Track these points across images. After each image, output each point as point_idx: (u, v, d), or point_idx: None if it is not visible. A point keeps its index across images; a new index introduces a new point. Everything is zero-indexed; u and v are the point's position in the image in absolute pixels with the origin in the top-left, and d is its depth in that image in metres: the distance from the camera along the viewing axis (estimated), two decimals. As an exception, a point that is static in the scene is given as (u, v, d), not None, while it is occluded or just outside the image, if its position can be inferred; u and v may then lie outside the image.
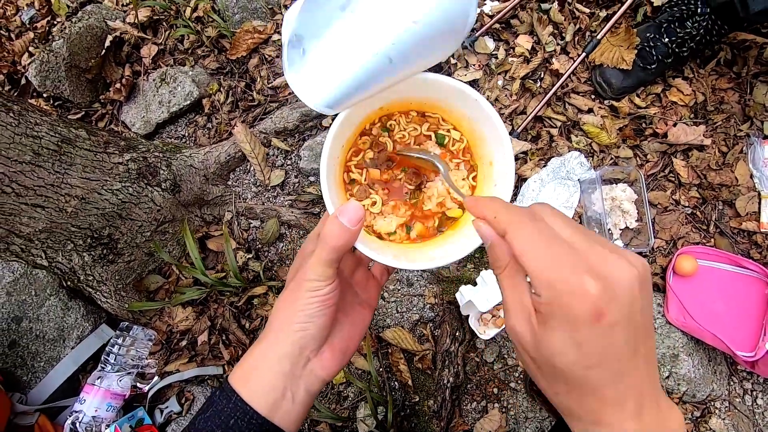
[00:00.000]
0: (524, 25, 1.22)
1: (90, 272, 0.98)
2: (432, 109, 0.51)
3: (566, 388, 0.31)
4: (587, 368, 0.29)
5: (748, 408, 1.06)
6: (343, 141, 0.47)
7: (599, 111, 1.17)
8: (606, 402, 0.30)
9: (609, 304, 0.28)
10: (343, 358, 0.44)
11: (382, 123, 0.51)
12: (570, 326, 0.28)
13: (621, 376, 0.30)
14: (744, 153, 1.14)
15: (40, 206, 0.81)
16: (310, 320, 0.39)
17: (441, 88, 0.46)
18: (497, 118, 0.44)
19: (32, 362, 1.02)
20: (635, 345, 0.30)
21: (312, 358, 0.41)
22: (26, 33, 1.39)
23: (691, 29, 1.06)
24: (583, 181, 1.11)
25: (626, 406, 0.30)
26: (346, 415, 1.05)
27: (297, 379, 0.40)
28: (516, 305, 0.32)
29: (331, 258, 0.38)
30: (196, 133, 1.24)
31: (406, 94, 0.48)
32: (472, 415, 1.05)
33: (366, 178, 0.51)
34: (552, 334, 0.29)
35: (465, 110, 0.48)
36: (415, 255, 0.46)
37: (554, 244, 0.30)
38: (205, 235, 1.14)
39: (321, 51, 0.39)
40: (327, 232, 0.38)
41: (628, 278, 0.28)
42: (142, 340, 1.05)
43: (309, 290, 0.39)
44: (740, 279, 1.05)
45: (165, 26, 1.29)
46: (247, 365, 0.41)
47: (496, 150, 0.46)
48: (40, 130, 0.79)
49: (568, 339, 0.29)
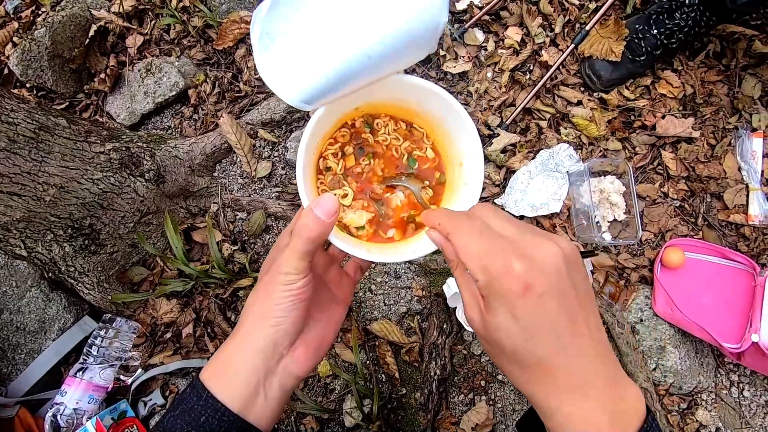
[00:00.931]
0: (514, 17, 1.21)
1: (71, 263, 0.96)
2: (405, 113, 0.52)
3: (520, 370, 0.34)
4: (528, 340, 0.32)
5: (735, 400, 1.06)
6: (319, 137, 0.48)
7: (588, 103, 1.16)
8: (555, 375, 0.32)
9: (535, 278, 0.31)
10: (317, 355, 0.43)
11: (366, 119, 0.52)
12: (506, 302, 0.32)
13: (563, 345, 0.31)
14: (732, 146, 1.14)
15: (17, 194, 0.79)
16: (284, 314, 0.39)
17: (413, 89, 0.47)
18: (468, 119, 0.46)
19: (12, 354, 1.00)
20: (570, 314, 0.32)
21: (285, 355, 0.41)
22: (10, 23, 1.36)
23: (679, 21, 1.06)
24: (572, 174, 1.11)
25: (574, 378, 0.32)
26: (332, 407, 1.04)
27: (271, 375, 0.40)
28: (468, 297, 0.36)
29: (305, 250, 0.38)
30: (182, 125, 1.23)
31: (382, 95, 0.49)
32: (459, 407, 1.04)
33: (342, 167, 0.51)
34: (494, 314, 0.33)
35: (437, 111, 0.49)
36: (388, 249, 0.47)
37: (486, 235, 0.34)
38: (191, 227, 1.13)
39: (297, 46, 0.39)
40: (302, 224, 0.38)
41: (552, 254, 0.32)
42: (126, 333, 1.03)
43: (283, 284, 0.39)
44: (727, 271, 1.05)
45: (150, 16, 1.28)
46: (220, 362, 0.40)
47: (467, 150, 0.48)
48: (17, 116, 0.77)
49: (506, 315, 0.32)
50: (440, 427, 1.02)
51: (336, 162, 0.50)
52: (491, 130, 1.15)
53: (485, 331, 0.34)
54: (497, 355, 0.35)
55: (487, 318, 0.33)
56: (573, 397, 0.32)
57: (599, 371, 0.32)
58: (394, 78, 0.44)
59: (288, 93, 0.40)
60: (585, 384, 0.31)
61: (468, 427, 1.00)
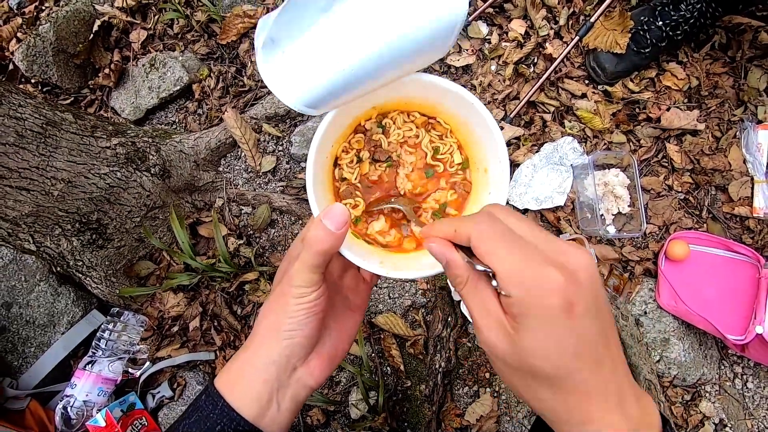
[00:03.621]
0: (518, 9, 1.21)
1: (79, 257, 0.97)
2: (428, 111, 0.49)
3: (551, 391, 0.30)
4: (568, 364, 0.29)
5: (738, 392, 1.07)
6: (332, 141, 0.46)
7: (593, 96, 1.16)
8: (591, 397, 0.29)
9: (576, 294, 0.28)
10: (332, 365, 0.42)
11: (377, 120, 0.49)
12: (546, 321, 0.28)
13: (599, 366, 0.29)
14: (737, 138, 1.13)
15: (25, 189, 0.80)
16: (297, 328, 0.38)
17: (436, 90, 0.44)
18: (492, 122, 0.43)
19: (23, 348, 1.02)
20: (606, 332, 0.30)
21: (299, 367, 0.40)
22: (14, 18, 1.37)
23: (685, 12, 1.05)
24: (576, 167, 1.11)
25: (609, 398, 0.30)
26: (338, 399, 1.05)
27: (284, 388, 0.39)
28: (486, 317, 0.31)
29: (316, 263, 0.37)
30: (187, 119, 1.23)
31: (402, 94, 0.46)
32: (463, 399, 1.05)
33: (357, 176, 0.49)
34: (529, 334, 0.29)
35: (460, 113, 0.46)
36: (402, 263, 0.45)
37: (515, 241, 0.30)
38: (196, 221, 1.13)
39: (301, 51, 0.38)
40: (311, 237, 0.36)
41: (588, 265, 0.29)
42: (134, 326, 1.05)
43: (295, 297, 0.38)
44: (732, 263, 1.05)
45: (154, 11, 1.28)
46: (234, 371, 0.40)
47: (491, 156, 0.45)
48: (24, 111, 0.78)
49: (545, 336, 0.28)
50: (445, 418, 1.03)
51: (351, 171, 0.48)
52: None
53: (516, 356, 0.29)
54: (522, 379, 0.31)
55: (517, 339, 0.29)
56: (606, 411, 0.30)
57: (623, 382, 0.31)
58: (411, 77, 0.42)
59: (290, 97, 0.39)
60: (618, 401, 0.30)
61: (473, 418, 1.01)
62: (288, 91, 0.39)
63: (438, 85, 0.43)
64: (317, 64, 0.38)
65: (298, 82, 0.39)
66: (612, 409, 0.29)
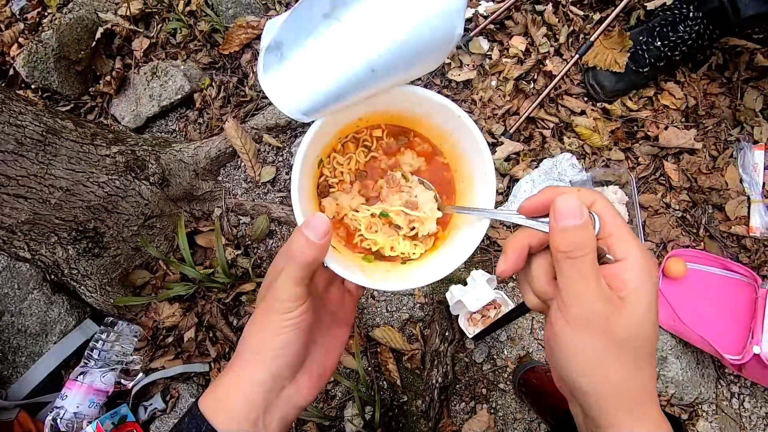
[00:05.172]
0: (518, 26, 1.22)
1: (74, 266, 0.96)
2: (413, 125, 0.49)
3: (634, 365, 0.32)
4: (653, 341, 0.32)
5: (735, 411, 1.06)
6: (318, 151, 0.45)
7: (592, 113, 1.17)
8: (646, 385, 0.32)
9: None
10: (320, 383, 0.41)
11: (358, 141, 0.49)
12: (652, 295, 0.32)
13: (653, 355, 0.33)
14: (734, 157, 1.15)
15: (23, 197, 0.79)
16: (284, 346, 0.37)
17: (423, 102, 0.44)
18: (479, 135, 0.42)
19: (13, 357, 1.00)
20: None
21: (287, 385, 0.39)
22: (16, 24, 1.37)
23: (683, 33, 1.07)
24: (575, 183, 1.11)
25: (651, 398, 0.32)
26: (333, 414, 1.04)
27: (271, 408, 0.38)
28: (598, 288, 0.32)
29: (300, 275, 0.36)
30: (187, 128, 1.23)
31: (388, 106, 0.46)
32: (460, 415, 1.04)
33: (351, 173, 0.49)
34: (640, 305, 0.31)
35: (447, 126, 0.46)
36: (389, 275, 0.44)
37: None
38: (194, 231, 1.13)
39: (301, 58, 0.38)
40: (294, 248, 0.35)
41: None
42: (128, 336, 1.03)
43: (280, 312, 0.36)
44: (729, 282, 1.06)
45: (157, 20, 1.28)
46: (219, 392, 0.38)
47: (478, 169, 0.44)
48: (24, 119, 0.78)
49: (650, 310, 0.31)
50: (441, 434, 1.02)
51: (337, 184, 0.48)
52: (495, 139, 1.15)
53: (619, 323, 0.31)
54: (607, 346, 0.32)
55: (627, 308, 0.31)
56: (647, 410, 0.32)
57: (652, 389, 0.33)
58: (400, 89, 0.42)
59: (286, 104, 0.39)
60: (651, 398, 0.33)
61: (469, 435, 1.00)
62: (283, 96, 0.39)
63: (426, 97, 0.43)
64: (315, 70, 0.38)
65: (295, 87, 0.38)
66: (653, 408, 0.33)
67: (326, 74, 0.37)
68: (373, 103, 0.43)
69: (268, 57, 0.39)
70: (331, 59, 0.37)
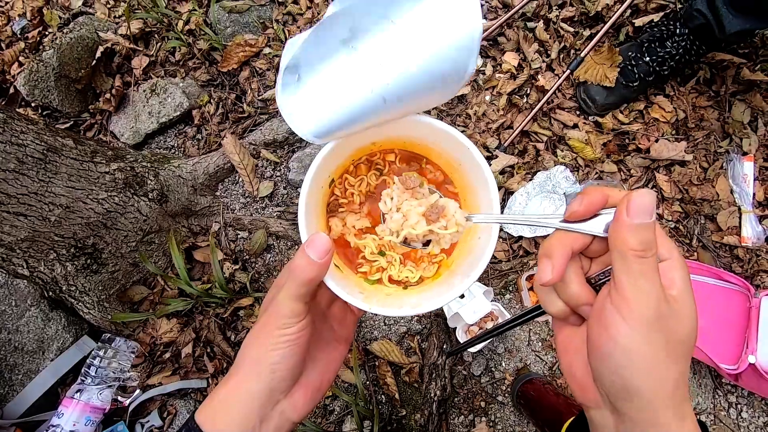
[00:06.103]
0: (511, 43, 1.25)
1: (72, 282, 0.96)
2: (425, 152, 0.50)
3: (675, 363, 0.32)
4: (695, 339, 0.33)
5: (733, 421, 1.06)
6: (329, 172, 0.46)
7: (584, 126, 1.19)
8: (686, 383, 0.33)
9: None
10: (315, 398, 0.41)
11: (371, 164, 0.50)
12: (693, 295, 0.33)
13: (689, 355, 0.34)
14: (724, 169, 1.17)
15: (23, 215, 0.80)
16: (281, 360, 0.38)
17: (434, 132, 0.45)
18: (486, 167, 0.43)
19: (10, 375, 0.99)
20: None
21: (282, 399, 0.39)
22: (17, 43, 1.39)
23: (671, 49, 1.10)
24: (569, 195, 1.13)
25: (687, 396, 0.33)
26: (332, 429, 1.03)
27: (267, 421, 0.38)
28: (662, 287, 0.32)
29: (300, 293, 0.37)
30: (186, 144, 1.25)
31: (400, 133, 0.47)
32: (459, 429, 1.04)
33: (360, 194, 0.50)
34: (690, 304, 0.32)
35: (457, 156, 0.47)
36: (387, 299, 0.44)
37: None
38: (192, 246, 1.13)
39: (317, 81, 0.39)
40: (295, 266, 0.37)
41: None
42: (125, 352, 1.03)
43: (279, 328, 0.37)
44: (722, 292, 1.07)
45: (157, 38, 1.30)
46: (215, 404, 0.39)
47: (483, 198, 0.45)
48: (26, 138, 0.79)
49: (695, 309, 0.33)
50: (440, 449, 1.01)
51: (346, 204, 0.49)
52: (489, 152, 1.17)
53: (677, 320, 0.32)
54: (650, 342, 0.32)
55: (681, 307, 0.32)
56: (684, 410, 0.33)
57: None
58: (413, 118, 0.43)
59: (299, 125, 0.40)
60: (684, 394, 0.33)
61: (468, 449, 1.00)
62: (297, 118, 0.40)
63: (435, 126, 0.44)
64: (328, 95, 0.39)
65: (308, 110, 0.40)
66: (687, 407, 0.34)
67: (339, 101, 0.38)
68: (386, 129, 0.44)
69: (287, 77, 0.40)
70: (344, 87, 0.38)
